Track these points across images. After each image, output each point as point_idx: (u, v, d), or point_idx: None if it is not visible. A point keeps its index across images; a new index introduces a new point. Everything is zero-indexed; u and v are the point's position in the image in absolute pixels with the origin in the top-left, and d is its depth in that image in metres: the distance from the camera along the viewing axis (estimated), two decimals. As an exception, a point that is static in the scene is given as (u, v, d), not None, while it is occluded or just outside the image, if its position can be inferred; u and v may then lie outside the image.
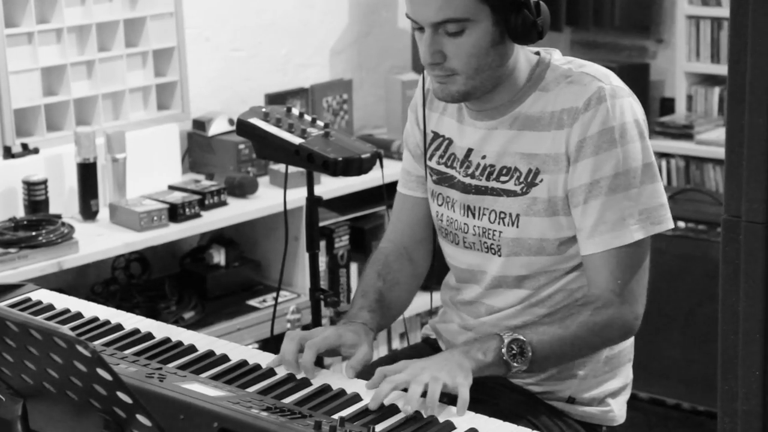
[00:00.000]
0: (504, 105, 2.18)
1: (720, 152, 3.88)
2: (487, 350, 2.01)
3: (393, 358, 2.39)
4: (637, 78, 4.81)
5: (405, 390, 1.91)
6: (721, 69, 4.54)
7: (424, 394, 1.90)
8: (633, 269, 2.11)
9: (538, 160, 2.13)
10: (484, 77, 2.12)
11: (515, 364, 2.01)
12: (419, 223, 2.38)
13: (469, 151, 2.23)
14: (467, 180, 2.22)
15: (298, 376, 2.02)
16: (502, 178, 2.17)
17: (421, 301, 2.63)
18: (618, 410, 2.26)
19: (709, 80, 4.70)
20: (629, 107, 2.12)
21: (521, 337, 2.02)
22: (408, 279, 2.36)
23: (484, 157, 2.20)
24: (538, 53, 2.20)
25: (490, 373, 2.04)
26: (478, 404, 1.92)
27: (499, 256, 2.19)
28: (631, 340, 2.27)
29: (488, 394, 1.99)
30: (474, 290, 2.25)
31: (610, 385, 2.24)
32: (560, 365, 2.16)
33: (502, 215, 2.17)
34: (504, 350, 2.01)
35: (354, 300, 2.29)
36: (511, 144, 2.17)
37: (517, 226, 2.16)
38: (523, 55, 2.17)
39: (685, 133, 4.56)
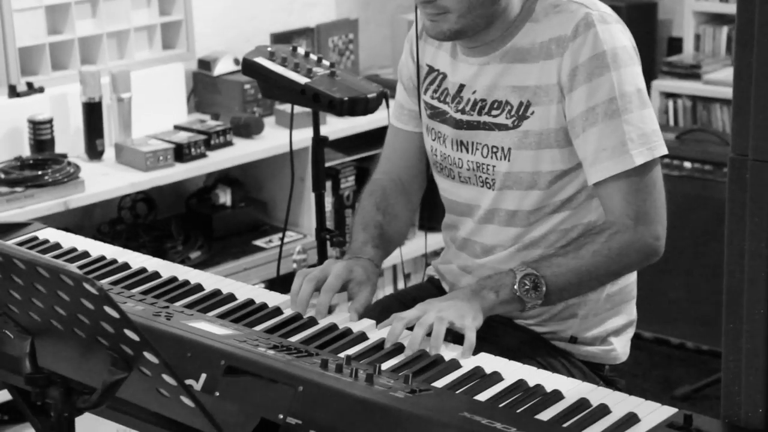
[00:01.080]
0: (496, 40, 2.16)
1: (727, 92, 3.86)
2: (499, 288, 2.01)
3: (398, 296, 2.40)
4: (645, 17, 4.77)
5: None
6: (730, 8, 4.51)
7: (430, 335, 1.91)
8: (646, 191, 2.08)
9: (529, 92, 2.12)
10: (476, 15, 2.09)
11: (529, 300, 2.02)
12: (412, 157, 2.37)
13: (461, 86, 2.22)
14: (458, 115, 2.21)
15: (306, 316, 2.02)
16: (494, 112, 2.16)
17: (426, 242, 2.63)
18: (621, 348, 2.26)
19: (717, 19, 4.67)
20: (619, 32, 2.10)
21: (534, 272, 2.02)
22: (405, 211, 2.36)
23: (474, 92, 2.19)
24: None
25: (504, 311, 2.05)
26: (482, 343, 1.92)
27: (493, 190, 2.19)
28: (634, 277, 2.27)
29: (492, 333, 2.00)
30: (468, 225, 2.25)
31: (613, 323, 2.25)
32: (580, 294, 2.15)
33: (495, 149, 2.16)
34: (516, 286, 2.01)
35: (354, 232, 2.29)
36: (502, 77, 2.15)
37: (509, 160, 2.15)
38: None
39: (692, 72, 4.53)
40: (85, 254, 2.30)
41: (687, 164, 4.00)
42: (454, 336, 1.94)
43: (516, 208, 2.17)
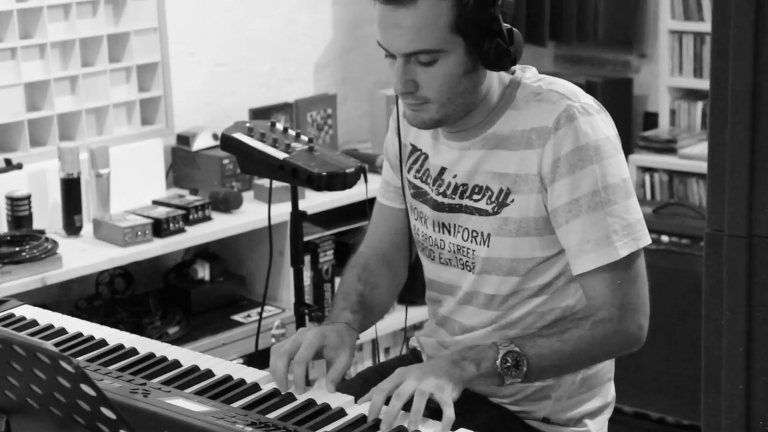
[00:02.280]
0: (476, 126, 2.16)
1: (703, 166, 3.90)
2: (481, 361, 1.99)
3: (378, 368, 2.39)
4: (621, 93, 4.82)
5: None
6: (704, 84, 4.56)
7: (408, 406, 1.89)
8: (630, 282, 2.08)
9: (509, 179, 2.12)
10: (457, 104, 2.10)
11: (509, 377, 2.00)
12: (397, 233, 2.37)
13: (443, 169, 2.22)
14: (440, 198, 2.21)
15: (284, 392, 2.01)
16: (475, 197, 2.16)
17: (407, 315, 2.62)
18: (596, 430, 2.24)
19: (692, 95, 4.72)
20: (601, 122, 2.10)
21: (517, 349, 2.00)
22: (388, 283, 2.35)
23: (455, 176, 2.19)
24: (513, 71, 2.19)
25: (482, 385, 2.04)
26: (456, 419, 1.89)
27: (473, 273, 2.19)
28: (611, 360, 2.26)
29: (467, 410, 1.97)
30: (449, 303, 2.25)
31: (588, 405, 2.23)
32: (558, 376, 2.15)
33: (474, 234, 2.16)
34: (498, 362, 1.99)
35: (335, 302, 2.28)
36: (483, 163, 2.16)
37: (488, 246, 2.15)
38: (497, 77, 2.15)
39: (668, 147, 4.57)
40: (62, 331, 2.29)
41: (664, 238, 4.02)
42: (429, 409, 1.91)
43: (494, 293, 2.17)
